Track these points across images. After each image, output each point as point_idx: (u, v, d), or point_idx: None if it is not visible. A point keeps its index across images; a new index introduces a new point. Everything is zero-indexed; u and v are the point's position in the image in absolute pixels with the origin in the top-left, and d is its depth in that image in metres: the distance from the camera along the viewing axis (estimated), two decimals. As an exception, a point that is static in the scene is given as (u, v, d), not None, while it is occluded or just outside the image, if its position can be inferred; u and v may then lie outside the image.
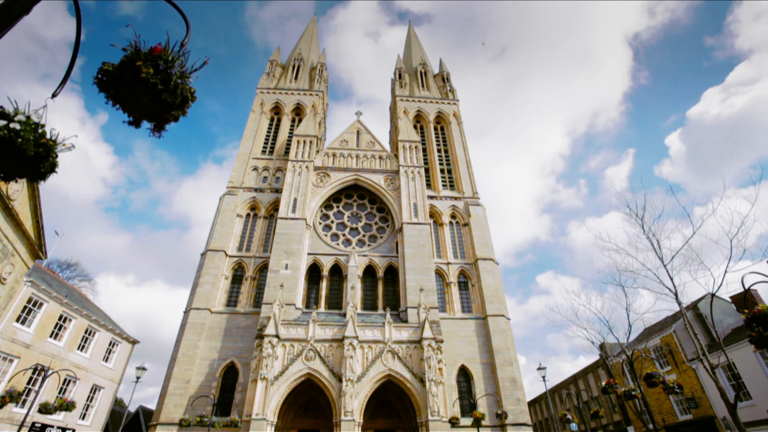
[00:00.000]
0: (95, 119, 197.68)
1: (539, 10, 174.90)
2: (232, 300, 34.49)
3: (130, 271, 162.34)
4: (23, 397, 21.17)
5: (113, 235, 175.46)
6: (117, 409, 42.11)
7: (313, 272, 36.13)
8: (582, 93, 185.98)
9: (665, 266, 19.39)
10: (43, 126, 3.59)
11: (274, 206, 39.64)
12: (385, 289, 35.84)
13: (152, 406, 43.60)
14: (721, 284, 16.81)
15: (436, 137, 49.57)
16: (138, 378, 24.00)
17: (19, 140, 3.39)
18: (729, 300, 28.66)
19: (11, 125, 3.37)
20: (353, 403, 25.46)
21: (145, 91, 3.39)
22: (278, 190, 40.58)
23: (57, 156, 3.74)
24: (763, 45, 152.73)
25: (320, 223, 38.91)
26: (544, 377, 27.29)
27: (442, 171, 46.10)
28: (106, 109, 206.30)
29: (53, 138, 3.66)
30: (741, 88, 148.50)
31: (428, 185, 44.08)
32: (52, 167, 3.76)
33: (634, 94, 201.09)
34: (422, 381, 26.78)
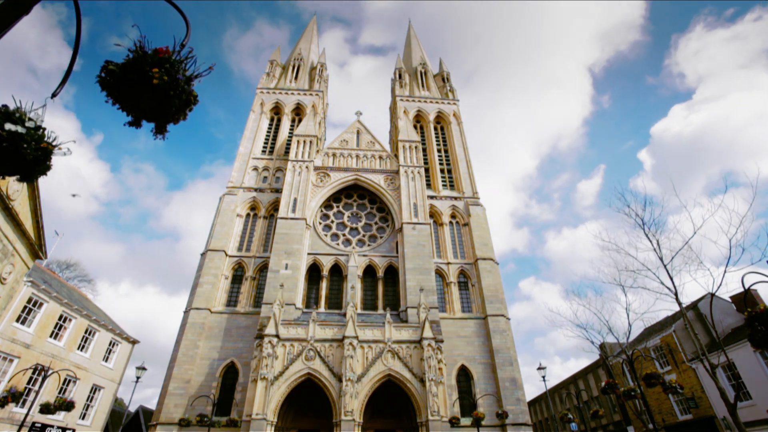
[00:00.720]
0: (91, 140, 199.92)
1: (503, 39, 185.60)
2: (232, 300, 34.49)
3: (126, 278, 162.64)
4: (23, 397, 21.17)
5: (108, 245, 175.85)
6: (117, 409, 42.13)
7: (313, 272, 36.12)
8: (547, 116, 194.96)
9: (665, 266, 19.40)
10: (43, 129, 3.58)
11: (274, 206, 39.63)
12: (385, 289, 35.83)
13: (151, 407, 43.62)
14: (720, 284, 16.83)
15: (436, 137, 49.56)
16: (138, 378, 24.00)
17: (24, 145, 3.40)
18: (729, 300, 28.67)
19: (17, 129, 3.37)
20: (353, 403, 25.46)
21: (150, 93, 3.39)
22: (278, 190, 40.57)
23: (51, 159, 3.73)
24: (702, 79, 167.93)
25: (320, 223, 38.90)
26: (544, 377, 27.31)
27: (442, 171, 46.09)
28: (102, 130, 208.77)
29: (52, 142, 3.65)
30: (704, 104, 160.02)
31: (428, 185, 44.07)
32: (45, 169, 3.76)
33: (594, 119, 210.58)
34: (422, 381, 26.78)
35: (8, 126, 3.34)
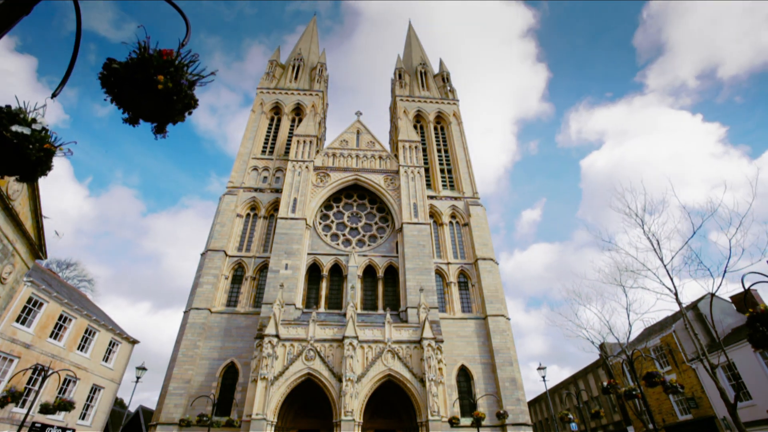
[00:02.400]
0: (84, 184, 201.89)
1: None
2: (232, 300, 34.48)
3: (113, 295, 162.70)
4: (23, 397, 21.16)
5: (97, 266, 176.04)
6: (117, 409, 42.11)
7: (313, 272, 36.11)
8: (481, 162, 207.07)
9: (665, 266, 19.39)
10: (47, 130, 3.59)
11: (274, 206, 39.63)
12: (385, 289, 35.83)
13: (151, 407, 43.61)
14: (720, 284, 16.82)
15: (436, 137, 49.55)
16: (138, 378, 24.00)
17: (29, 146, 3.41)
18: (729, 300, 28.67)
19: (23, 131, 3.37)
20: (353, 403, 25.46)
21: (153, 96, 3.38)
22: (278, 190, 40.57)
23: (53, 160, 3.74)
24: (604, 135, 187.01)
25: (320, 223, 38.90)
26: (544, 377, 27.29)
27: (442, 171, 46.08)
28: (91, 173, 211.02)
29: (54, 143, 3.66)
30: (624, 139, 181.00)
31: (428, 185, 44.07)
32: (46, 170, 3.76)
33: (518, 165, 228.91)
34: (422, 381, 26.78)
35: (15, 128, 3.34)
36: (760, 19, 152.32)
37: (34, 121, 3.52)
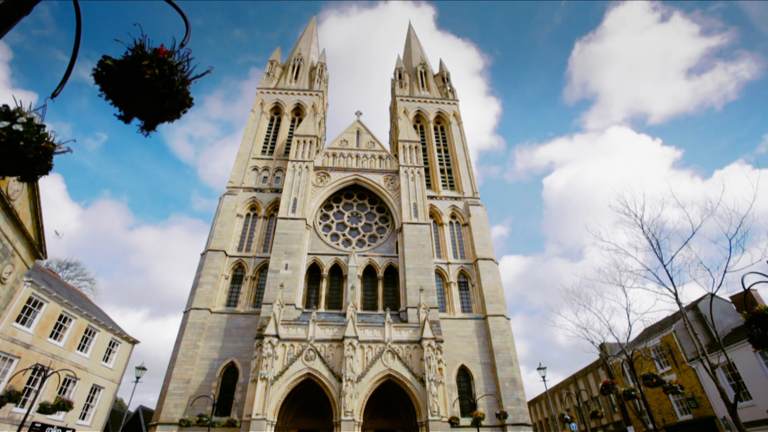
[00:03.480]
0: (79, 204, 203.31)
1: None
2: (232, 300, 34.50)
3: (110, 301, 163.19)
4: (23, 397, 21.17)
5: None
6: (117, 409, 42.13)
7: (313, 272, 36.12)
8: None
9: (665, 266, 19.39)
10: (44, 127, 3.59)
11: (274, 206, 39.64)
12: (385, 289, 35.83)
13: (151, 407, 43.61)
14: (720, 284, 16.81)
15: (436, 137, 49.56)
16: (138, 378, 24.01)
17: (22, 143, 3.40)
18: (729, 300, 28.67)
19: (14, 126, 3.37)
20: (353, 403, 25.46)
21: (146, 92, 3.38)
22: (278, 190, 40.58)
23: (52, 158, 3.73)
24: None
25: (320, 223, 38.91)
26: (544, 377, 27.29)
27: (442, 171, 46.10)
28: (85, 197, 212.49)
29: (53, 141, 3.66)
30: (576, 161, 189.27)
31: (428, 185, 44.08)
32: (46, 169, 3.76)
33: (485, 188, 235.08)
34: (422, 381, 26.78)
35: (4, 123, 3.34)
36: (676, 70, 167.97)
37: (26, 117, 3.52)
